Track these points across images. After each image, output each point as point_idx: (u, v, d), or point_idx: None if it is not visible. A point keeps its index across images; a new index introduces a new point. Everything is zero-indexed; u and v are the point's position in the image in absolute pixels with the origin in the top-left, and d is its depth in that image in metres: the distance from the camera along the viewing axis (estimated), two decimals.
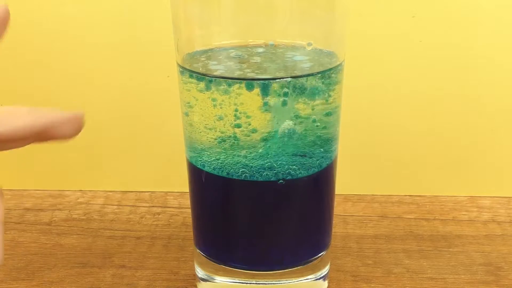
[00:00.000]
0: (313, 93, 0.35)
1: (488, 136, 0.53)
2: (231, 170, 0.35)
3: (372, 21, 0.51)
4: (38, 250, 0.47)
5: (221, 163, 0.36)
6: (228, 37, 0.37)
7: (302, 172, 0.36)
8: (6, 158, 0.56)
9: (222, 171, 0.36)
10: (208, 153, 0.36)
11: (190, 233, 0.45)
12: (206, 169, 0.36)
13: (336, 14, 0.36)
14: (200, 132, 0.36)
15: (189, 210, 0.44)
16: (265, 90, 0.34)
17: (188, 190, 0.40)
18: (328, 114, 0.36)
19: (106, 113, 0.54)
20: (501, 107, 0.53)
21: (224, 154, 0.35)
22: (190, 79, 0.35)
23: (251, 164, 0.35)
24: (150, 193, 0.56)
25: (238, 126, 0.34)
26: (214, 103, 0.35)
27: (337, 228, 0.49)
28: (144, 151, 0.55)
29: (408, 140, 0.54)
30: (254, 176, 0.35)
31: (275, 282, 0.38)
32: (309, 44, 0.36)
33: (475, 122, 0.53)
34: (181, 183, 0.44)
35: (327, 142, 0.37)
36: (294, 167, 0.36)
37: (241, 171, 0.35)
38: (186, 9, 0.36)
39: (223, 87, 0.34)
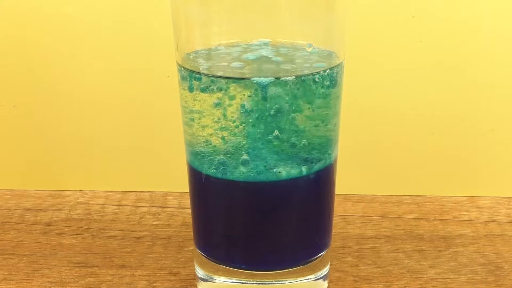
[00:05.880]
0: (313, 93, 0.35)
1: (488, 136, 0.53)
2: (231, 171, 0.35)
3: (372, 21, 0.51)
4: (38, 250, 0.47)
5: (220, 163, 0.36)
6: (228, 37, 0.37)
7: (302, 172, 0.36)
8: (6, 158, 0.56)
9: (222, 171, 0.36)
10: (208, 154, 0.36)
11: (190, 233, 0.45)
12: (206, 169, 0.36)
13: (336, 14, 0.36)
14: (200, 132, 0.36)
15: (189, 210, 0.44)
16: (264, 90, 0.34)
17: (188, 190, 0.40)
18: (328, 114, 0.36)
19: (106, 113, 0.54)
20: (501, 107, 0.53)
21: (223, 154, 0.35)
22: (190, 79, 0.35)
23: (251, 165, 0.35)
24: (150, 193, 0.56)
25: (238, 126, 0.34)
26: (214, 103, 0.35)
27: (337, 228, 0.49)
28: (144, 151, 0.55)
29: (408, 140, 0.54)
30: (254, 176, 0.35)
31: (275, 282, 0.38)
32: (309, 45, 0.36)
33: (475, 122, 0.53)
34: (181, 183, 0.44)
35: (327, 142, 0.37)
36: (294, 167, 0.36)
37: (241, 171, 0.35)
38: (186, 9, 0.36)
39: (222, 86, 0.34)
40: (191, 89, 0.35)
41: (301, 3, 0.35)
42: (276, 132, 0.34)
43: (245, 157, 0.35)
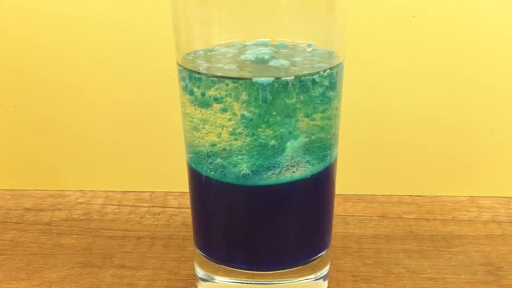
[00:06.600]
0: (313, 93, 0.35)
1: (488, 136, 0.53)
2: (231, 172, 0.35)
3: (372, 21, 0.51)
4: (38, 250, 0.47)
5: (220, 163, 0.36)
6: (228, 37, 0.37)
7: (302, 172, 0.36)
8: (6, 158, 0.56)
9: (222, 173, 0.36)
10: (208, 155, 0.36)
11: (190, 233, 0.45)
12: (206, 170, 0.36)
13: (336, 14, 0.36)
14: (200, 133, 0.36)
15: (189, 210, 0.44)
16: (264, 90, 0.34)
17: (188, 190, 0.40)
18: (328, 114, 0.36)
19: (106, 113, 0.54)
20: (501, 107, 0.53)
21: (223, 154, 0.35)
22: (190, 79, 0.35)
23: (251, 165, 0.35)
24: (150, 193, 0.56)
25: (238, 127, 0.34)
26: (214, 102, 0.35)
27: (337, 228, 0.49)
28: (144, 151, 0.55)
29: (408, 140, 0.54)
30: (254, 178, 0.35)
31: (275, 282, 0.38)
32: (309, 46, 0.36)
33: (475, 122, 0.53)
34: (181, 183, 0.44)
35: (327, 142, 0.37)
36: (295, 167, 0.35)
37: (241, 172, 0.35)
38: (186, 9, 0.36)
39: (222, 86, 0.34)
40: (191, 89, 0.35)
41: (301, 3, 0.35)
42: (276, 132, 0.34)
43: (244, 158, 0.35)
